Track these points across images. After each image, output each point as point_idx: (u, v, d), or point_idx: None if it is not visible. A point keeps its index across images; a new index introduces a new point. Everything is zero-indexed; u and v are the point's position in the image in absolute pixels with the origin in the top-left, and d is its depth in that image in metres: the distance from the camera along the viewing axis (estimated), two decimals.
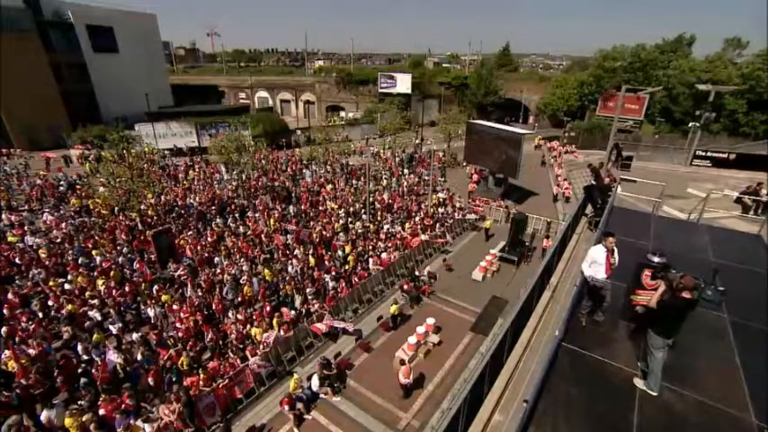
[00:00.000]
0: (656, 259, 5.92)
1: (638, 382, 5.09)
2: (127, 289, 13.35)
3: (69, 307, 12.02)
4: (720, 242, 9.19)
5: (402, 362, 10.98)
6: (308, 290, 13.93)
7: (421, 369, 11.26)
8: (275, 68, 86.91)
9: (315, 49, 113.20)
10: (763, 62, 34.50)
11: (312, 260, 15.97)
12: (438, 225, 20.52)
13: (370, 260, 16.37)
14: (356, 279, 15.00)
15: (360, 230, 19.43)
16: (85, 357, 10.61)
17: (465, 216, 22.30)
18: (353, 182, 27.85)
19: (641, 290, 5.69)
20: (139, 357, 10.57)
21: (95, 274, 14.05)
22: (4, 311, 11.75)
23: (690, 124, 31.49)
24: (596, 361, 5.52)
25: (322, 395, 10.35)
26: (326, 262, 16.02)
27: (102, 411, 8.77)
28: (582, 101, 44.93)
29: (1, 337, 10.61)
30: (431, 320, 12.69)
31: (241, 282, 14.17)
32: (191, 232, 18.27)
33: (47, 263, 14.54)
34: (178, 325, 12.06)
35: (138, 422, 8.79)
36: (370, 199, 22.39)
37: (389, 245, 18.03)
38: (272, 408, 10.12)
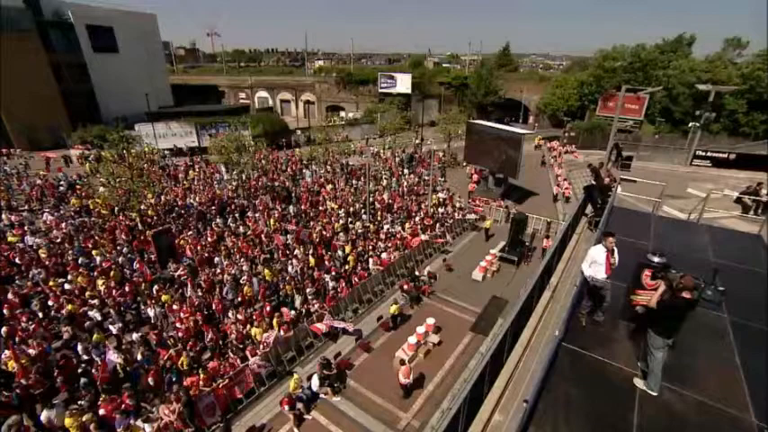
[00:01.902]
0: (656, 259, 5.92)
1: (638, 382, 5.09)
2: (127, 289, 13.34)
3: (69, 307, 12.02)
4: (720, 242, 9.19)
5: (402, 362, 10.98)
6: (308, 290, 13.93)
7: (421, 369, 11.26)
8: (275, 68, 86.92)
9: (315, 49, 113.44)
10: (763, 62, 34.52)
11: (312, 260, 15.97)
12: (438, 225, 20.52)
13: (370, 260, 16.36)
14: (356, 279, 14.99)
15: (360, 230, 19.43)
16: (85, 357, 10.61)
17: (465, 216, 22.30)
18: (353, 182, 27.85)
19: (641, 290, 5.69)
20: (139, 357, 10.57)
21: (95, 274, 14.04)
22: (4, 311, 11.75)
23: (690, 124, 31.52)
24: (596, 361, 5.52)
25: (322, 395, 10.35)
26: (326, 262, 16.01)
27: (102, 411, 8.77)
28: (582, 101, 44.93)
29: (1, 337, 10.61)
30: (431, 320, 12.69)
31: (241, 282, 14.16)
32: (191, 232, 18.27)
33: (47, 263, 14.53)
34: (178, 325, 12.06)
35: (138, 422, 8.78)
36: (370, 199, 22.39)
37: (389, 245, 18.03)
38: (272, 408, 10.11)
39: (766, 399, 4.88)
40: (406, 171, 31.06)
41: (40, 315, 11.90)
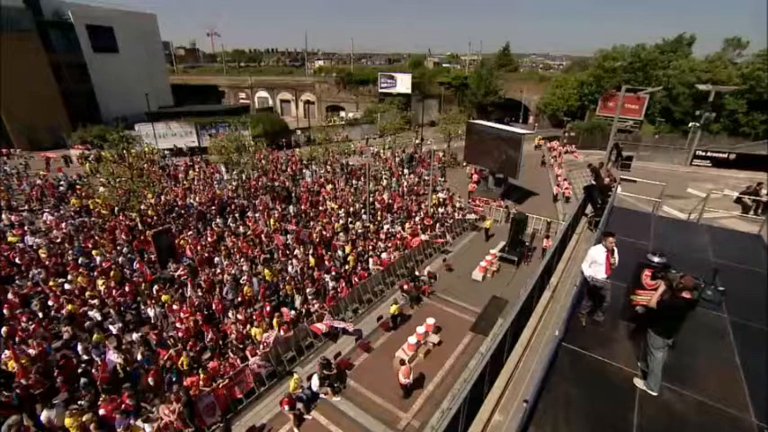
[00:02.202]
0: (656, 259, 5.92)
1: (638, 382, 5.09)
2: (127, 289, 13.34)
3: (69, 307, 12.02)
4: (720, 242, 9.19)
5: (402, 362, 10.98)
6: (308, 290, 13.93)
7: (421, 369, 11.26)
8: (275, 68, 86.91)
9: (315, 49, 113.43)
10: (763, 62, 34.52)
11: (312, 260, 15.97)
12: (438, 225, 20.52)
13: (370, 260, 16.36)
14: (356, 279, 14.99)
15: (360, 230, 19.43)
16: (85, 357, 10.61)
17: (465, 216, 22.30)
18: (353, 182, 27.85)
19: (641, 290, 5.69)
20: (139, 357, 10.57)
21: (95, 274, 14.04)
22: (4, 311, 11.75)
23: (690, 124, 31.52)
24: (596, 361, 5.52)
25: (322, 395, 10.35)
26: (326, 262, 16.01)
27: (102, 411, 8.77)
28: (582, 101, 44.94)
29: (1, 337, 10.61)
30: (431, 320, 12.69)
31: (241, 282, 14.16)
32: (191, 232, 18.27)
33: (47, 263, 14.53)
34: (178, 325, 12.06)
35: (138, 422, 8.78)
36: (370, 199, 22.39)
37: (389, 245, 18.03)
38: (272, 408, 10.11)
39: (766, 399, 4.88)
40: (406, 171, 31.05)
41: (40, 315, 11.90)
